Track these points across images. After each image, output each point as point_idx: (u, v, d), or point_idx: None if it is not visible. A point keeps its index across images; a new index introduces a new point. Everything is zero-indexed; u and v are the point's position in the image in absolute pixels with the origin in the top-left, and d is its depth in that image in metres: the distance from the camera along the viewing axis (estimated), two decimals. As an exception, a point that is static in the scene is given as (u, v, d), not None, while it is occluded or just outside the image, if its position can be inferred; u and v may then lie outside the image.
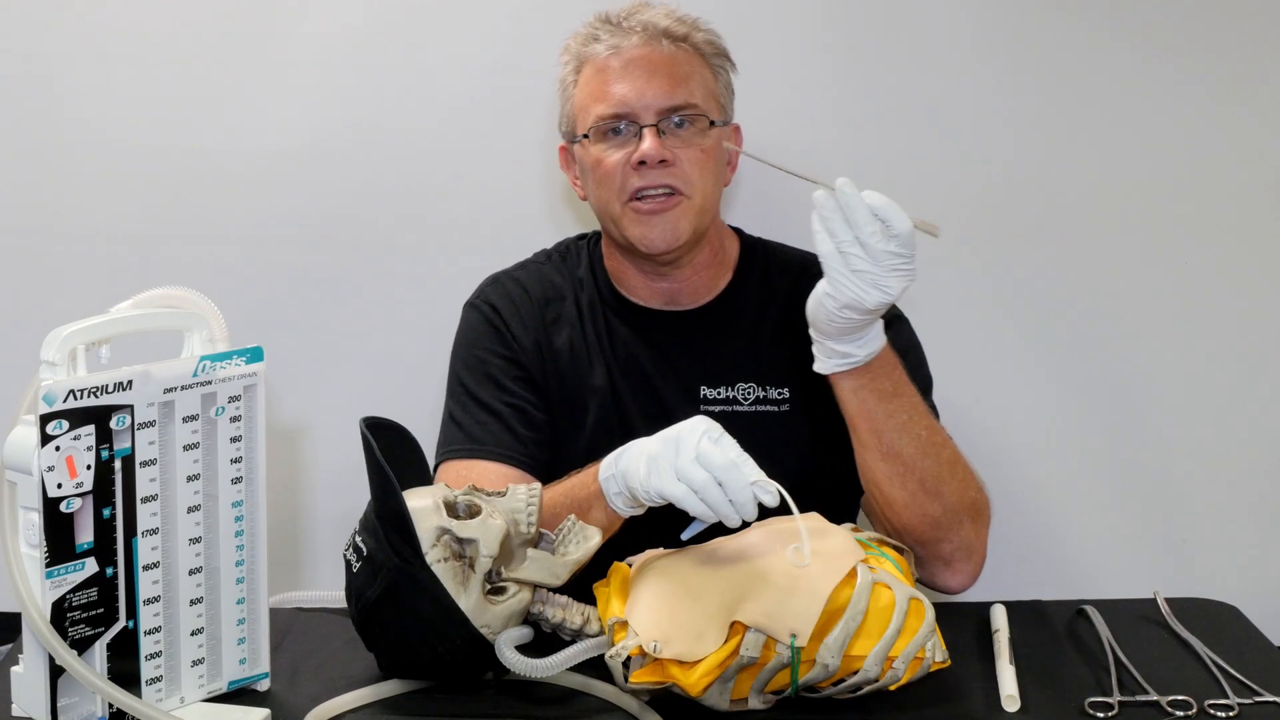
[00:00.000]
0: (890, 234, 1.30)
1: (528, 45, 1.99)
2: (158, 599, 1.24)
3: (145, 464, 1.22)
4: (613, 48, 1.63)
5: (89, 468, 1.17)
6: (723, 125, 1.66)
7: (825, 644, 1.22)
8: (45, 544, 1.15)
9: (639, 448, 1.34)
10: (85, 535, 1.18)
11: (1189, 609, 1.47)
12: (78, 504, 1.17)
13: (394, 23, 2.06)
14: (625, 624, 1.25)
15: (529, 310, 1.70)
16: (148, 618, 1.24)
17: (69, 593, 1.17)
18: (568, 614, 1.30)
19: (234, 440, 1.29)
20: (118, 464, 1.20)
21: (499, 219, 2.08)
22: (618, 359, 1.68)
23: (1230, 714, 1.24)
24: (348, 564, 1.30)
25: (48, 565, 1.16)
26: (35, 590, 1.16)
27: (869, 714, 1.25)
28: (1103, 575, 2.07)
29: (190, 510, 1.26)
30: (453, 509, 1.28)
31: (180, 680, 1.27)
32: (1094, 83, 2.03)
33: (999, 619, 1.42)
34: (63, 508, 1.16)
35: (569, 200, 2.06)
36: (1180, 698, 1.25)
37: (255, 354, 1.29)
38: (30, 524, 1.16)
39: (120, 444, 1.20)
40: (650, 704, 1.25)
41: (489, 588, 1.27)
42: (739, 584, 1.24)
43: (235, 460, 1.29)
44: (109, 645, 1.21)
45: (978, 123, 2.05)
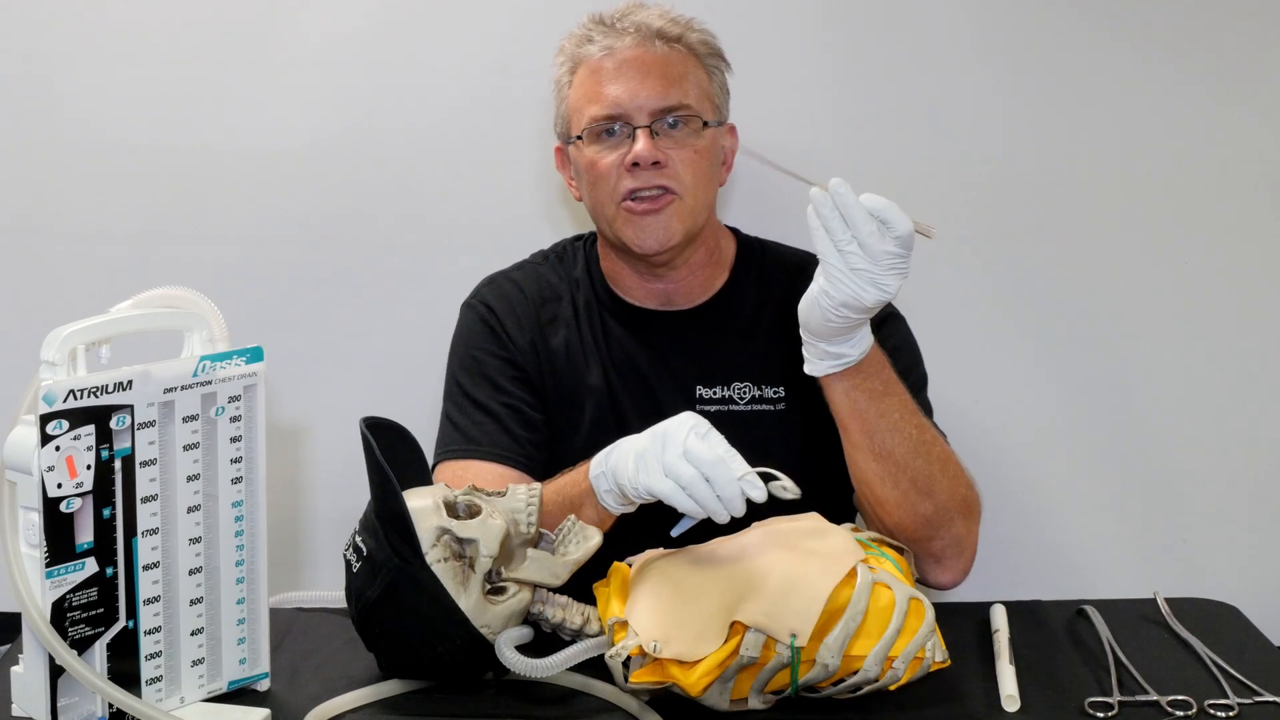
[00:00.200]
0: (891, 234, 1.29)
1: (528, 46, 1.99)
2: (158, 599, 1.24)
3: (145, 464, 1.22)
4: (606, 49, 1.62)
5: (89, 468, 1.17)
6: (717, 125, 1.65)
7: (825, 644, 1.22)
8: (45, 544, 1.15)
9: (627, 445, 1.34)
10: (85, 535, 1.18)
11: (1189, 609, 1.47)
12: (78, 504, 1.17)
13: (394, 23, 2.06)
14: (625, 624, 1.25)
15: (525, 310, 1.70)
16: (148, 618, 1.24)
17: (69, 593, 1.17)
18: (568, 614, 1.30)
19: (234, 440, 1.29)
20: (118, 464, 1.20)
21: (499, 219, 2.08)
22: (613, 359, 1.68)
23: (1230, 714, 1.24)
24: (348, 564, 1.30)
25: (48, 565, 1.16)
26: (35, 590, 1.16)
27: (869, 714, 1.25)
28: (1103, 575, 2.07)
29: (190, 510, 1.26)
30: (453, 509, 1.28)
31: (180, 680, 1.27)
32: (1094, 82, 2.03)
33: (999, 619, 1.42)
34: (63, 508, 1.16)
35: (567, 200, 2.06)
36: (1180, 698, 1.25)
37: (255, 354, 1.29)
38: (30, 524, 1.16)
39: (120, 444, 1.20)
40: (650, 704, 1.25)
41: (489, 588, 1.27)
42: (739, 584, 1.24)
43: (235, 460, 1.29)
44: (109, 645, 1.21)
45: (977, 122, 2.05)
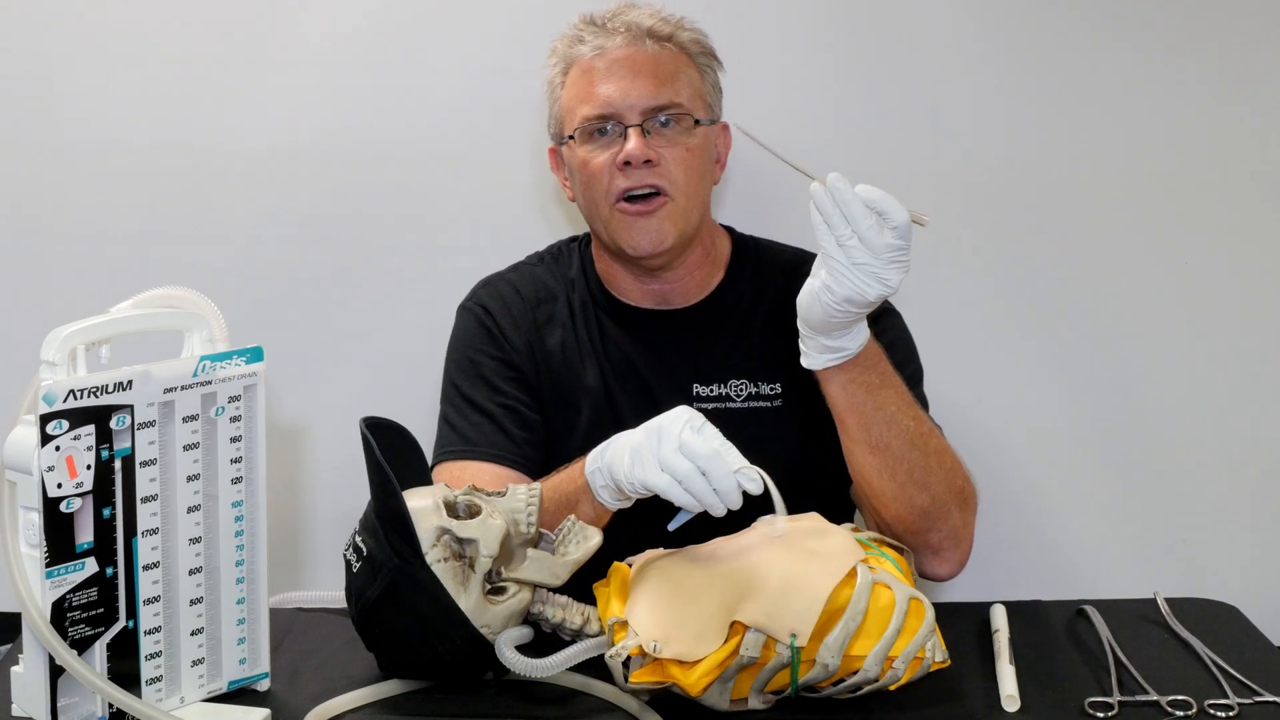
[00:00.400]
0: (888, 226, 1.29)
1: (527, 46, 1.98)
2: (158, 599, 1.24)
3: (145, 464, 1.22)
4: (597, 49, 1.63)
5: (89, 468, 1.17)
6: (710, 124, 1.66)
7: (825, 644, 1.22)
8: (45, 544, 1.15)
9: (623, 440, 1.35)
10: (85, 535, 1.18)
11: (1189, 609, 1.47)
12: (78, 504, 1.17)
13: (394, 23, 2.06)
14: (625, 624, 1.25)
15: (521, 311, 1.70)
16: (148, 618, 1.24)
17: (69, 593, 1.17)
18: (568, 614, 1.30)
19: (234, 440, 1.29)
20: (118, 464, 1.20)
21: (499, 219, 2.08)
22: (610, 359, 1.68)
23: (1230, 714, 1.24)
24: (348, 564, 1.30)
25: (48, 565, 1.16)
26: (35, 590, 1.16)
27: (869, 714, 1.25)
28: (1103, 575, 2.07)
29: (190, 510, 1.26)
30: (453, 509, 1.28)
31: (180, 680, 1.27)
32: (1094, 81, 2.03)
33: (999, 619, 1.42)
34: (63, 508, 1.16)
35: (566, 200, 2.06)
36: (1180, 698, 1.25)
37: (255, 354, 1.29)
38: (30, 524, 1.16)
39: (120, 444, 1.20)
40: (650, 704, 1.25)
41: (489, 588, 1.27)
42: (739, 584, 1.24)
43: (235, 460, 1.29)
44: (109, 645, 1.21)
45: (978, 120, 2.05)
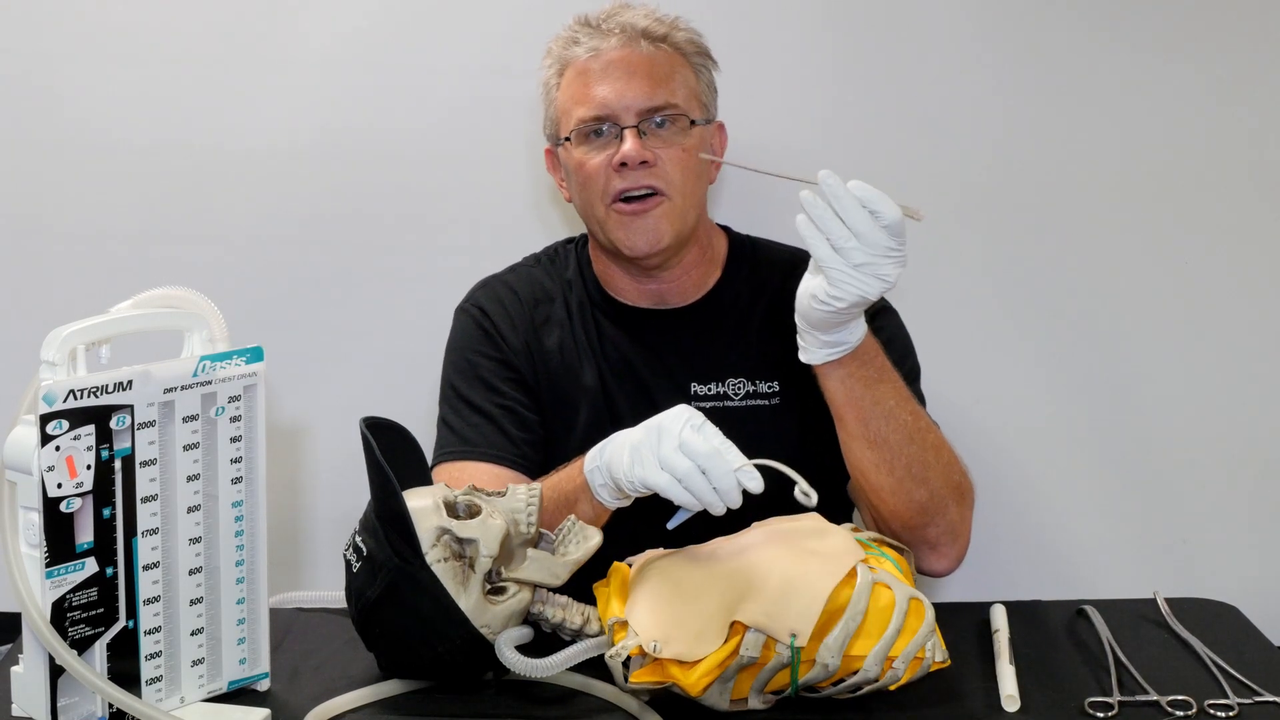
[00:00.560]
0: (880, 223, 1.29)
1: (528, 46, 1.98)
2: (158, 599, 1.24)
3: (145, 464, 1.22)
4: (592, 50, 1.63)
5: (89, 468, 1.17)
6: (705, 124, 1.66)
7: (825, 644, 1.22)
8: (45, 544, 1.15)
9: (622, 438, 1.35)
10: (85, 535, 1.18)
11: (1189, 609, 1.47)
12: (78, 504, 1.17)
13: (394, 23, 2.06)
14: (625, 624, 1.25)
15: (518, 312, 1.70)
16: (148, 618, 1.24)
17: (69, 593, 1.17)
18: (568, 614, 1.30)
19: (234, 440, 1.28)
20: (118, 464, 1.20)
21: (499, 219, 2.09)
22: (608, 359, 1.68)
23: (1230, 714, 1.24)
24: (348, 564, 1.30)
25: (48, 565, 1.16)
26: (35, 590, 1.16)
27: (869, 714, 1.25)
28: (1103, 575, 2.07)
29: (190, 510, 1.26)
30: (453, 509, 1.28)
31: (180, 680, 1.27)
32: (1093, 81, 2.03)
33: (999, 619, 1.42)
34: (63, 508, 1.16)
35: (564, 200, 2.06)
36: (1180, 698, 1.25)
37: (255, 354, 1.29)
38: (30, 524, 1.16)
39: (120, 444, 1.19)
40: (650, 704, 1.25)
41: (489, 588, 1.27)
42: (739, 584, 1.24)
43: (235, 460, 1.29)
44: (109, 645, 1.21)
45: (976, 120, 2.04)
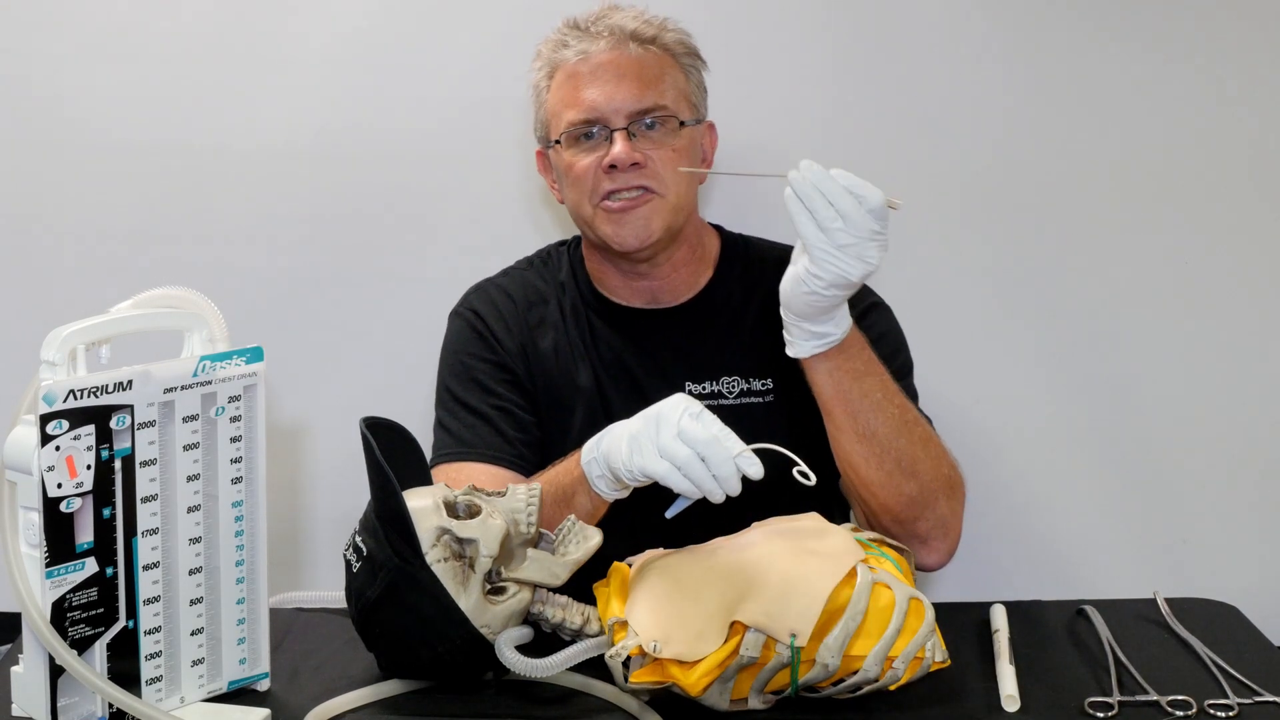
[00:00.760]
0: (866, 207, 1.31)
1: (530, 47, 1.99)
2: (158, 599, 1.24)
3: (145, 464, 1.22)
4: (581, 53, 1.63)
5: (89, 468, 1.17)
6: (695, 124, 1.66)
7: (825, 644, 1.22)
8: (45, 544, 1.15)
9: (620, 429, 1.36)
10: (85, 535, 1.18)
11: (1189, 609, 1.47)
12: (78, 504, 1.17)
13: (395, 24, 2.06)
14: (625, 624, 1.25)
15: (512, 314, 1.71)
16: (148, 618, 1.24)
17: (69, 593, 1.17)
18: (568, 614, 1.30)
19: (234, 440, 1.29)
20: (118, 464, 1.20)
21: (500, 219, 2.08)
22: (602, 359, 1.69)
23: (1230, 714, 1.24)
24: (348, 564, 1.30)
25: (48, 565, 1.16)
26: (35, 590, 1.16)
27: (869, 714, 1.25)
28: (1103, 575, 2.07)
29: (190, 510, 1.26)
30: (453, 509, 1.28)
31: (180, 680, 1.27)
32: (1093, 79, 2.03)
33: (999, 619, 1.42)
34: (63, 508, 1.16)
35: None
36: (1180, 698, 1.25)
37: (255, 354, 1.29)
38: (30, 524, 1.16)
39: (120, 444, 1.20)
40: (650, 704, 1.25)
41: (489, 588, 1.27)
42: (739, 584, 1.24)
43: (235, 460, 1.29)
44: (109, 645, 1.21)
45: (975, 119, 2.04)
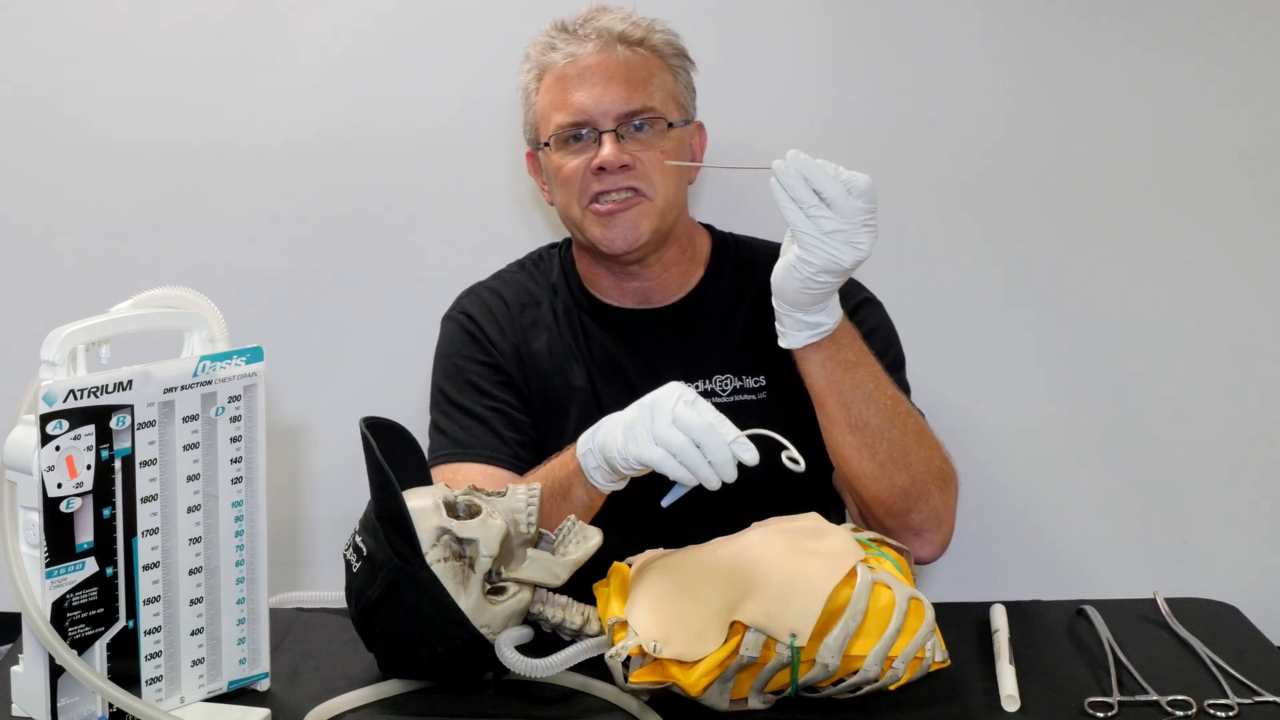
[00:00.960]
0: (853, 193, 1.31)
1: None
2: (158, 599, 1.24)
3: (145, 464, 1.22)
4: (569, 56, 1.64)
5: (89, 467, 1.17)
6: (683, 125, 1.67)
7: (825, 644, 1.22)
8: (45, 544, 1.15)
9: (615, 419, 1.36)
10: (85, 535, 1.18)
11: (1189, 609, 1.46)
12: (78, 504, 1.17)
13: (396, 24, 2.06)
14: (625, 624, 1.25)
15: (505, 316, 1.71)
16: (148, 618, 1.24)
17: (69, 593, 1.17)
18: (568, 614, 1.30)
19: (234, 440, 1.29)
20: (118, 464, 1.20)
21: (500, 219, 2.09)
22: (595, 360, 1.69)
23: (1230, 714, 1.24)
24: (348, 564, 1.30)
25: (48, 565, 1.16)
26: (35, 590, 1.16)
27: (869, 714, 1.25)
28: (1103, 575, 2.07)
29: (190, 510, 1.26)
30: (453, 509, 1.28)
31: (180, 680, 1.27)
32: (1092, 77, 2.02)
33: (999, 619, 1.42)
34: (63, 507, 1.16)
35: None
36: (1180, 698, 1.25)
37: (255, 354, 1.29)
38: (30, 524, 1.16)
39: (120, 444, 1.20)
40: (650, 704, 1.25)
41: (489, 588, 1.27)
42: (739, 584, 1.24)
43: (235, 460, 1.29)
44: (109, 645, 1.21)
45: (975, 117, 2.04)
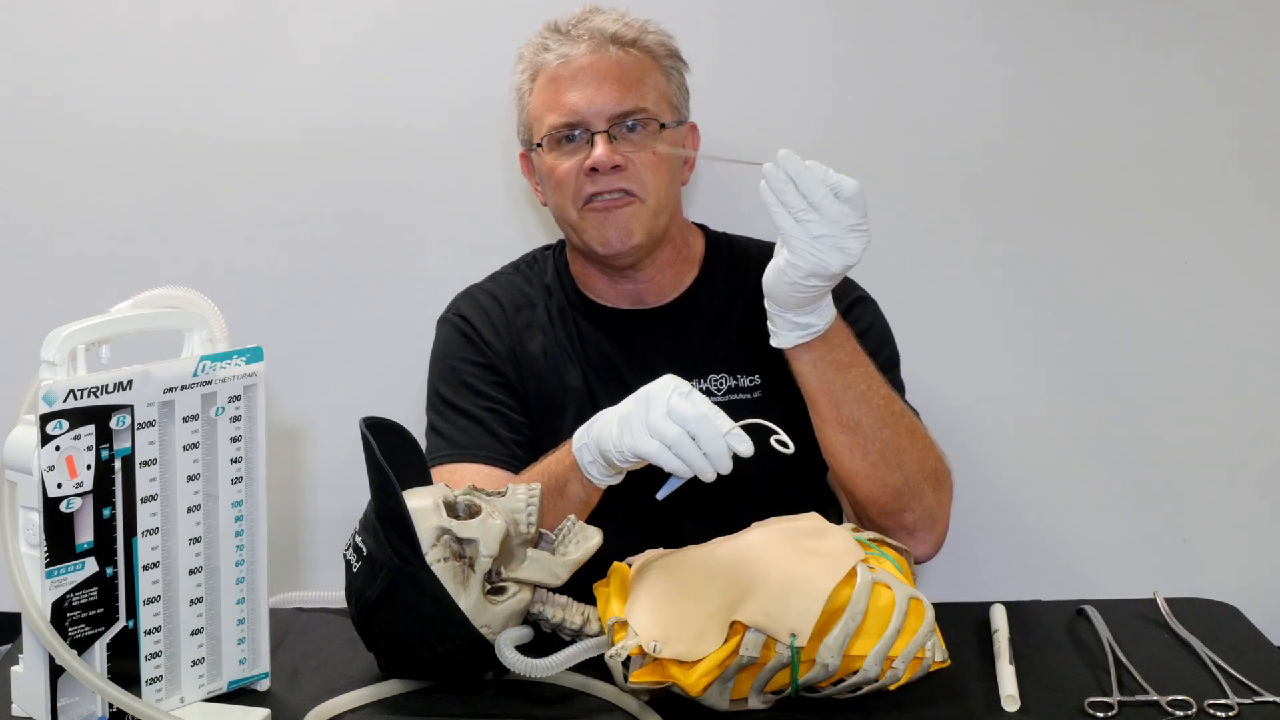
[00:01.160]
0: (840, 198, 1.31)
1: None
2: (158, 599, 1.24)
3: (145, 464, 1.22)
4: (562, 57, 1.64)
5: (89, 467, 1.17)
6: (676, 126, 1.67)
7: (825, 644, 1.22)
8: (45, 544, 1.15)
9: (609, 414, 1.37)
10: (85, 535, 1.18)
11: (1189, 609, 1.46)
12: (78, 504, 1.17)
13: (397, 23, 2.06)
14: (625, 624, 1.25)
15: (500, 318, 1.71)
16: (148, 617, 1.24)
17: (69, 592, 1.17)
18: (568, 614, 1.30)
19: (234, 440, 1.29)
20: (118, 464, 1.20)
21: (502, 219, 2.09)
22: (590, 361, 1.69)
23: (1230, 714, 1.24)
24: (348, 564, 1.30)
25: (48, 565, 1.16)
26: (35, 590, 1.16)
27: (869, 714, 1.25)
28: (1103, 575, 2.07)
29: (190, 510, 1.26)
30: (453, 509, 1.28)
31: (180, 680, 1.27)
32: (1090, 74, 2.02)
33: (999, 619, 1.42)
34: (63, 507, 1.16)
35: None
36: (1180, 698, 1.25)
37: (255, 354, 1.29)
38: (30, 524, 1.16)
39: (120, 444, 1.19)
40: (650, 704, 1.25)
41: (489, 588, 1.27)
42: (739, 584, 1.24)
43: (235, 460, 1.29)
44: (109, 645, 1.21)
45: (974, 115, 2.04)
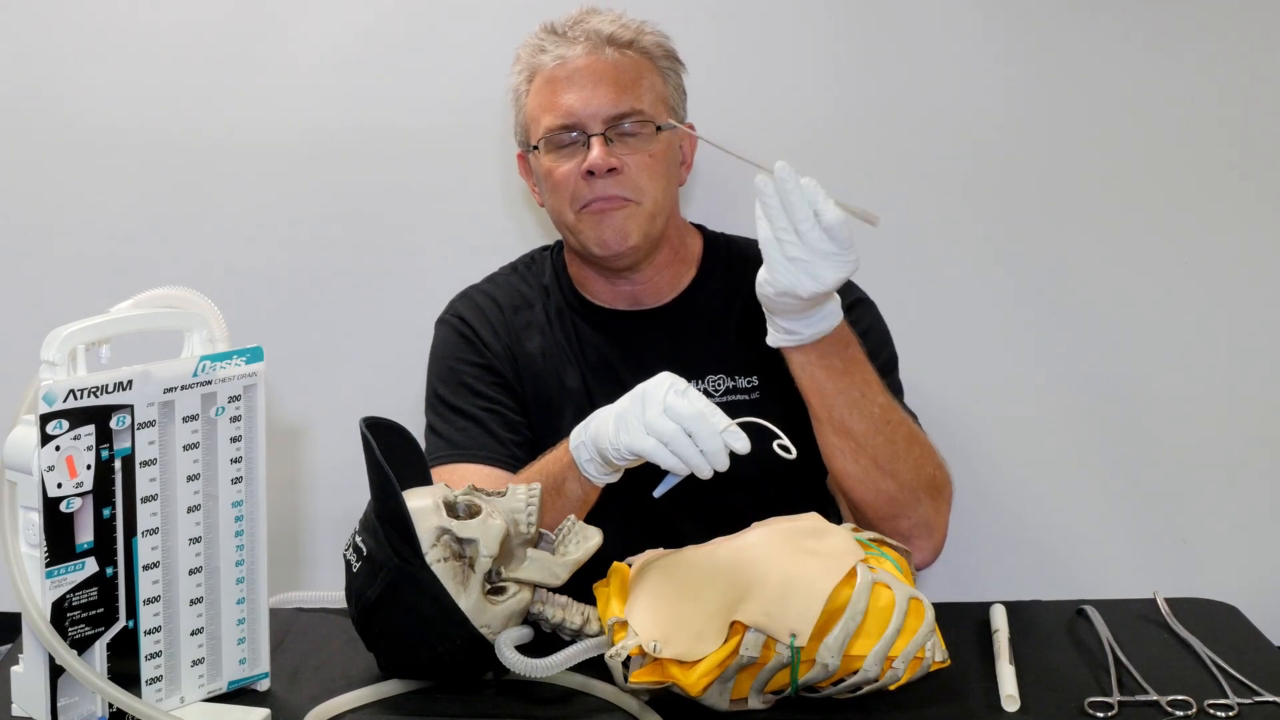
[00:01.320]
0: (820, 224, 1.28)
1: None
2: (158, 599, 1.24)
3: (145, 464, 1.22)
4: (558, 58, 1.64)
5: (89, 467, 1.17)
6: (673, 127, 1.66)
7: (825, 644, 1.22)
8: (45, 544, 1.15)
9: (606, 412, 1.37)
10: (85, 535, 1.18)
11: (1189, 609, 1.46)
12: (78, 504, 1.17)
13: (397, 23, 2.06)
14: (625, 624, 1.25)
15: (498, 318, 1.71)
16: (148, 617, 1.24)
17: (69, 593, 1.17)
18: (568, 614, 1.30)
19: (234, 440, 1.29)
20: (118, 464, 1.20)
21: (502, 219, 2.09)
22: (588, 361, 1.69)
23: (1230, 714, 1.24)
24: (348, 564, 1.30)
25: (48, 565, 1.16)
26: (35, 590, 1.16)
27: (869, 714, 1.25)
28: (1103, 575, 2.07)
29: (190, 510, 1.26)
30: (453, 509, 1.28)
31: (180, 680, 1.27)
32: (1089, 73, 2.02)
33: (999, 619, 1.42)
34: (63, 507, 1.16)
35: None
36: (1180, 698, 1.25)
37: (255, 354, 1.29)
38: (30, 524, 1.16)
39: (120, 444, 1.20)
40: (650, 704, 1.25)
41: (489, 588, 1.27)
42: (739, 584, 1.24)
43: (235, 460, 1.29)
44: (109, 645, 1.21)
45: (973, 114, 2.04)
